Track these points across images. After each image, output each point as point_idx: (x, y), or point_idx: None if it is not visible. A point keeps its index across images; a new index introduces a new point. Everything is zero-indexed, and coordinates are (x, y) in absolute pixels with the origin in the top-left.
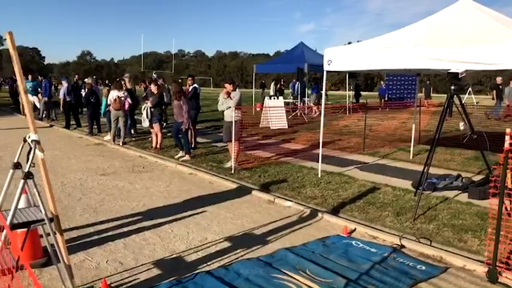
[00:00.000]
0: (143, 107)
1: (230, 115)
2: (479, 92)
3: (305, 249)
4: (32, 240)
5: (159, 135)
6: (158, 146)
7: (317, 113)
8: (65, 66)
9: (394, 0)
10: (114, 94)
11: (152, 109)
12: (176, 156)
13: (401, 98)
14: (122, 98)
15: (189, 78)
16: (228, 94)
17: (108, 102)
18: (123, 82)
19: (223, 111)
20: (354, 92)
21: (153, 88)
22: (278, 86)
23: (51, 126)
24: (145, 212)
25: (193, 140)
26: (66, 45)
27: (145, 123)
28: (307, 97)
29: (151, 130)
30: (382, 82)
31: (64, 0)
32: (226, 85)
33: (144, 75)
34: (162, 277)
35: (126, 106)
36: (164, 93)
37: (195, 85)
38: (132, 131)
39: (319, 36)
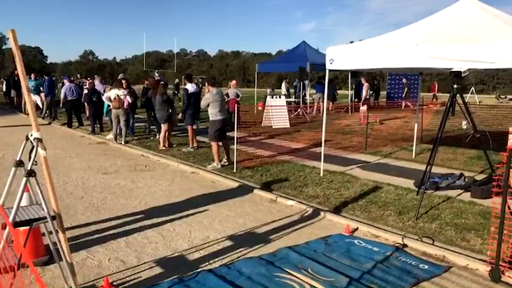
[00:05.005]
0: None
1: (209, 114)
2: (482, 91)
3: (307, 248)
4: (34, 239)
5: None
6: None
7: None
8: (67, 66)
9: None
10: (113, 93)
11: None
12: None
13: (403, 98)
14: (122, 97)
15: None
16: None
17: (104, 100)
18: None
19: None
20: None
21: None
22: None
23: (49, 123)
24: (147, 211)
25: (193, 139)
26: (69, 44)
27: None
28: (311, 96)
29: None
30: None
31: None
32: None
33: (146, 74)
34: (164, 275)
35: (126, 104)
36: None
37: (187, 86)
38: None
39: (320, 36)
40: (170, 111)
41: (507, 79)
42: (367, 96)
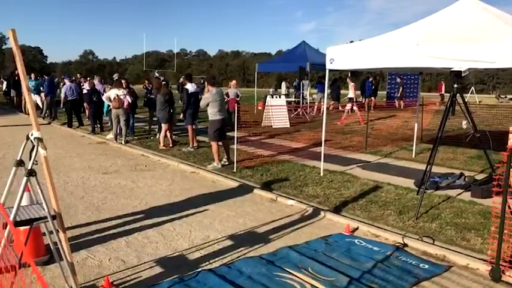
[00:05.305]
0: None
1: (209, 114)
2: (482, 91)
3: (307, 247)
4: (35, 238)
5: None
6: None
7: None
8: (67, 66)
9: None
10: (113, 93)
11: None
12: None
13: (404, 97)
14: (121, 97)
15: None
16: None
17: (104, 100)
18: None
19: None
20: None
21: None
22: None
23: (49, 123)
24: (147, 211)
25: (194, 139)
26: (69, 44)
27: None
28: (311, 96)
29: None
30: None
31: None
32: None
33: (146, 74)
34: (165, 275)
35: (125, 104)
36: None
37: (187, 86)
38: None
39: (320, 35)
40: (172, 111)
41: (507, 79)
42: (352, 96)
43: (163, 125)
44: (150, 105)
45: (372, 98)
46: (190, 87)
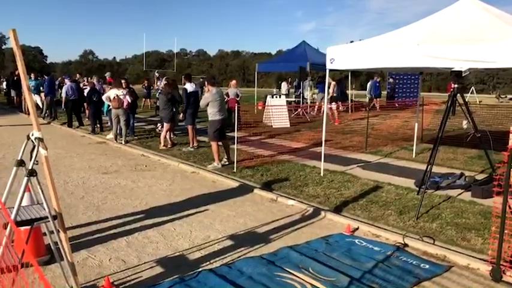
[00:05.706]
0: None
1: (209, 114)
2: (482, 91)
3: (308, 247)
4: (35, 238)
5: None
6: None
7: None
8: (67, 65)
9: None
10: (112, 92)
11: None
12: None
13: (404, 97)
14: (121, 97)
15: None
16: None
17: (104, 100)
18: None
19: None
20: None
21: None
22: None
23: (48, 123)
24: (147, 211)
25: (194, 139)
26: (69, 44)
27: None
28: (312, 96)
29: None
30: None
31: None
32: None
33: (146, 74)
34: (165, 275)
35: (125, 104)
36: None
37: (186, 86)
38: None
39: (320, 36)
40: (174, 110)
41: (507, 79)
42: (335, 95)
43: (165, 124)
44: None
45: (377, 98)
46: (190, 86)
